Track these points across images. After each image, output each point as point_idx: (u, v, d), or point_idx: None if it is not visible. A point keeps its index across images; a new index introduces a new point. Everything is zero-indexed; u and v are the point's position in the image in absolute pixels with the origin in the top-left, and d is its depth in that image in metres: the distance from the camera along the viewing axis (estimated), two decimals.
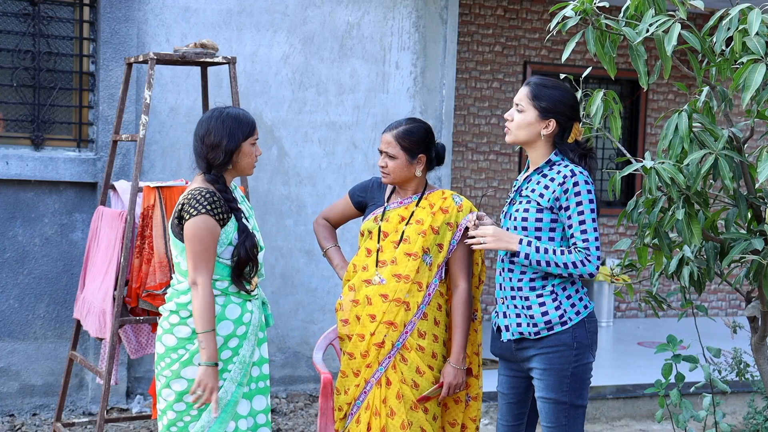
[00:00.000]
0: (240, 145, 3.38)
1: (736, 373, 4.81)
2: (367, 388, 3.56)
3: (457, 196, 3.65)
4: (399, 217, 3.62)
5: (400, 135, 3.59)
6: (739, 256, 3.31)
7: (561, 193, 3.23)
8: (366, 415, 3.54)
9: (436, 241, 3.58)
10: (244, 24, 6.01)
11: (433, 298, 3.59)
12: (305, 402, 6.09)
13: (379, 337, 3.53)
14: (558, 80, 3.38)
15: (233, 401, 3.37)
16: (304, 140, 6.22)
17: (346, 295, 3.65)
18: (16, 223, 5.60)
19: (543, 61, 8.76)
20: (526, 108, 3.31)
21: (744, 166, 3.31)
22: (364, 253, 3.66)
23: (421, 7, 6.41)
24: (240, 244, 3.34)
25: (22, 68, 5.65)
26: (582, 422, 3.35)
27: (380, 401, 3.52)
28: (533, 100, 3.29)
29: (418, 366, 3.54)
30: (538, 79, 3.36)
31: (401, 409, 3.50)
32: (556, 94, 3.29)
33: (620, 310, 9.27)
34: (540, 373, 3.31)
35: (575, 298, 3.30)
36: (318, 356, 3.84)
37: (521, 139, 3.34)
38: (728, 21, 3.05)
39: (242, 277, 3.37)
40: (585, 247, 3.21)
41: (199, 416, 3.35)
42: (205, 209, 3.27)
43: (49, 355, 5.70)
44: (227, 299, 3.38)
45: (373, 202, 3.75)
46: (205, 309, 3.25)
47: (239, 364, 3.38)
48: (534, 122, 3.30)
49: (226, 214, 3.33)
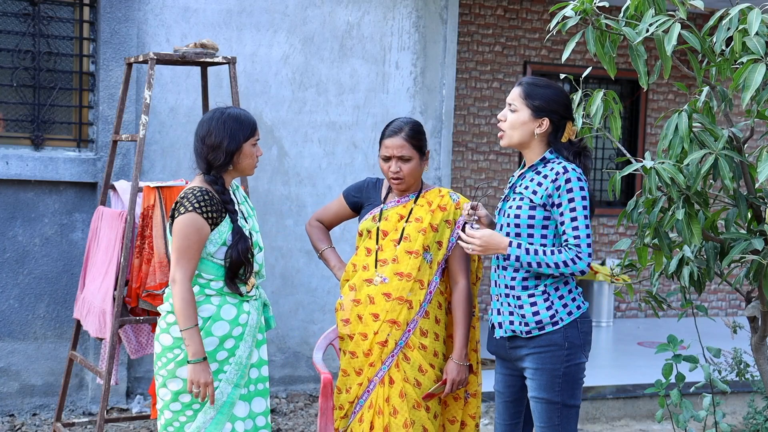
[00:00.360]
0: (241, 146, 3.37)
1: (736, 373, 4.81)
2: (371, 386, 3.57)
3: (453, 194, 3.66)
4: (398, 215, 3.62)
5: (410, 135, 3.58)
6: (739, 256, 3.30)
7: (553, 189, 3.23)
8: (369, 414, 3.54)
9: (436, 238, 3.60)
10: (244, 24, 6.01)
11: (434, 296, 3.60)
12: (305, 402, 6.09)
13: (382, 335, 3.53)
14: (550, 80, 3.40)
15: (229, 402, 3.37)
16: (304, 140, 6.22)
17: (347, 294, 3.65)
18: (16, 223, 5.60)
19: (543, 61, 8.76)
20: (519, 107, 3.32)
21: (744, 166, 3.31)
22: (364, 253, 3.66)
23: (421, 7, 6.41)
24: (233, 246, 3.33)
25: (22, 68, 5.65)
26: (575, 422, 3.35)
27: (383, 400, 3.53)
28: (526, 99, 3.31)
29: (421, 364, 3.55)
30: (531, 79, 3.37)
31: (404, 408, 3.51)
32: (548, 92, 3.31)
33: (620, 310, 9.27)
34: (532, 372, 3.32)
35: (568, 299, 3.30)
36: (318, 356, 3.84)
37: (515, 140, 3.34)
38: (728, 21, 3.04)
39: (236, 279, 3.37)
40: (576, 244, 3.20)
41: (194, 417, 3.35)
42: (194, 207, 3.27)
43: (49, 355, 5.70)
44: (223, 299, 3.37)
45: (369, 201, 3.74)
46: (183, 306, 3.24)
47: (235, 365, 3.38)
48: (527, 121, 3.31)
49: (219, 214, 3.32)
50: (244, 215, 3.46)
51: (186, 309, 3.24)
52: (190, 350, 3.24)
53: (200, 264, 3.34)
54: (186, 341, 3.25)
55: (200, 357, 3.25)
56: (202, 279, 3.36)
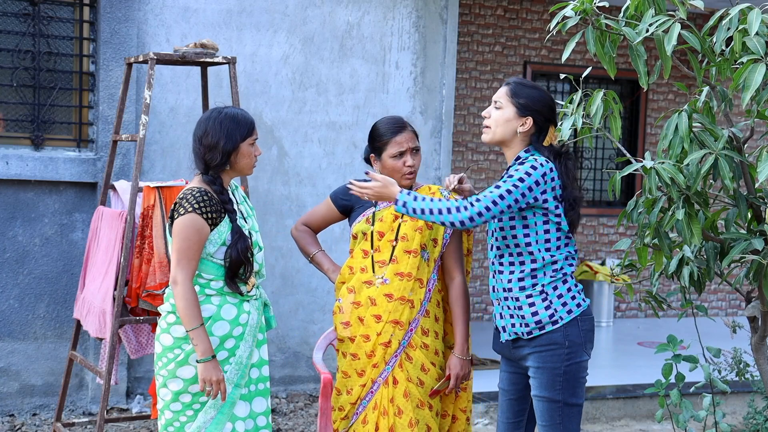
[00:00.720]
0: (238, 145, 3.37)
1: (736, 373, 4.81)
2: (374, 387, 3.57)
3: (444, 190, 3.66)
4: (393, 215, 3.62)
5: (412, 128, 3.68)
6: (739, 256, 3.30)
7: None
8: (373, 415, 3.55)
9: (431, 236, 3.61)
10: (244, 24, 6.01)
11: (432, 294, 3.62)
12: (305, 402, 6.09)
13: (385, 336, 3.54)
14: (537, 83, 3.42)
15: (230, 402, 3.37)
16: (304, 140, 6.22)
17: (345, 297, 3.65)
18: (16, 223, 5.60)
19: (543, 61, 8.76)
20: (504, 105, 3.36)
21: (744, 166, 3.31)
22: (361, 255, 3.65)
23: (421, 7, 6.41)
24: (233, 245, 3.33)
25: (22, 68, 5.65)
26: (578, 421, 3.35)
27: (388, 401, 3.54)
28: (512, 97, 3.34)
29: (423, 363, 3.56)
30: (518, 79, 3.42)
31: (408, 407, 3.52)
32: (534, 93, 3.35)
33: (620, 310, 9.27)
34: (534, 371, 3.34)
35: (567, 297, 3.31)
36: (318, 356, 3.84)
37: (498, 136, 3.37)
38: (728, 21, 3.04)
39: (236, 279, 3.37)
40: (477, 199, 3.21)
41: (195, 417, 3.35)
42: (193, 208, 3.27)
43: (49, 355, 5.70)
44: (223, 299, 3.37)
45: (359, 204, 3.73)
46: (187, 306, 3.24)
47: (236, 365, 3.38)
48: (512, 118, 3.34)
49: (218, 214, 3.32)
50: (243, 215, 3.46)
51: (190, 309, 3.25)
52: (199, 349, 3.25)
53: (200, 264, 3.34)
54: (194, 341, 3.25)
55: (209, 355, 3.25)
56: (202, 279, 3.36)
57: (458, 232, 3.64)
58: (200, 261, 3.33)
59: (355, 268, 3.66)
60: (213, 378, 3.25)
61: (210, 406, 3.34)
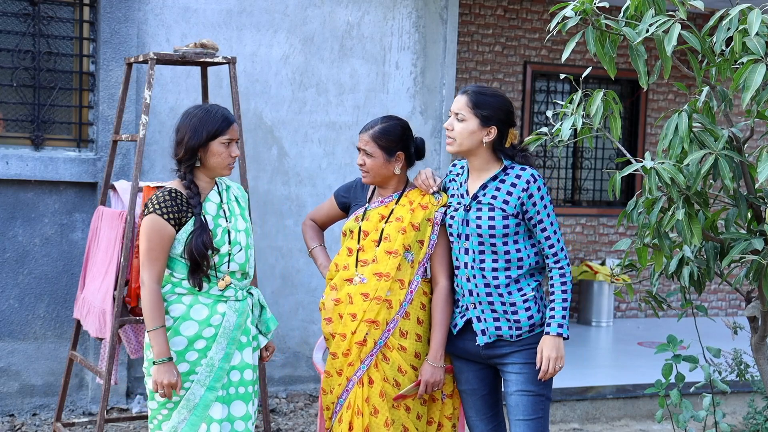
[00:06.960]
0: (205, 142, 3.33)
1: (736, 374, 4.81)
2: (349, 386, 3.55)
3: (437, 195, 3.64)
4: (379, 215, 3.62)
5: (376, 134, 3.58)
6: (739, 256, 3.30)
7: (526, 198, 3.36)
8: (347, 414, 3.53)
9: (417, 237, 3.57)
10: (244, 24, 6.01)
11: (415, 296, 3.57)
12: (305, 402, 6.09)
13: (360, 335, 3.52)
14: (494, 88, 3.50)
15: (203, 404, 3.35)
16: (304, 140, 6.22)
17: (328, 294, 3.66)
18: (16, 223, 5.60)
19: (543, 61, 8.76)
20: (467, 117, 3.40)
21: (744, 166, 3.31)
22: (346, 253, 3.66)
23: (421, 7, 6.42)
24: (193, 238, 3.30)
25: (22, 68, 5.65)
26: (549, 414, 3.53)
27: (362, 400, 3.51)
28: (474, 108, 3.39)
29: (400, 365, 3.53)
30: (476, 88, 3.45)
31: (384, 407, 3.50)
32: (495, 101, 3.41)
33: (620, 310, 9.27)
34: (520, 367, 3.40)
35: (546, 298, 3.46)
36: (318, 356, 3.84)
37: (464, 148, 3.43)
38: (728, 21, 3.04)
39: (198, 273, 3.33)
40: (554, 253, 3.38)
41: (169, 416, 3.37)
42: (154, 209, 3.28)
43: (49, 355, 5.70)
44: (194, 299, 3.36)
45: (356, 202, 3.74)
46: (150, 307, 3.26)
47: (207, 366, 3.35)
48: (476, 130, 3.40)
49: (183, 214, 3.31)
50: (225, 214, 3.43)
51: (152, 311, 3.27)
52: (154, 351, 3.27)
53: (171, 263, 3.35)
54: (151, 342, 3.28)
55: (164, 357, 3.26)
56: (174, 278, 3.37)
57: (445, 236, 3.60)
58: (171, 260, 3.34)
59: (339, 265, 3.66)
60: (164, 381, 3.25)
61: (182, 406, 3.34)
